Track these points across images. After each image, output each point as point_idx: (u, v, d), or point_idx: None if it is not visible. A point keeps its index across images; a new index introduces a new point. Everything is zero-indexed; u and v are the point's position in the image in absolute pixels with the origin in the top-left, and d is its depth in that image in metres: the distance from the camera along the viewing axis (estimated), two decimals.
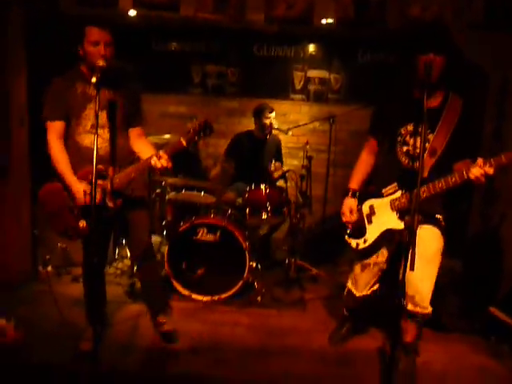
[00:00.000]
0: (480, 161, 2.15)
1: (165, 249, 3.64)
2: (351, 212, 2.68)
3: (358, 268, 2.78)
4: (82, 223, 2.39)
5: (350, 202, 2.69)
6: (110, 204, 2.49)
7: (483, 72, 4.31)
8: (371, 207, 2.61)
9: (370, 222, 2.61)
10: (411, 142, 2.45)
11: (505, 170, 4.07)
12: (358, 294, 2.82)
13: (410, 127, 2.46)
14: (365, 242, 2.61)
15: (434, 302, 2.55)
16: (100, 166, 2.39)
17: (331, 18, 3.30)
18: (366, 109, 4.72)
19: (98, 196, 2.43)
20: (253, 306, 3.51)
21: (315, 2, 3.17)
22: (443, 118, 2.40)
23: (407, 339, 2.60)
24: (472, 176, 2.16)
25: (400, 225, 2.46)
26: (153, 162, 2.41)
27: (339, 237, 4.20)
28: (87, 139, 2.53)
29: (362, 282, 2.78)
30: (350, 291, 2.88)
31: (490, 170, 2.13)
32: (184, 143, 2.41)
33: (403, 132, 2.49)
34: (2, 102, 3.40)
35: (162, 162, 2.40)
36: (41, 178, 2.69)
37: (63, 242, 3.91)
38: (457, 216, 3.18)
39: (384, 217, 2.54)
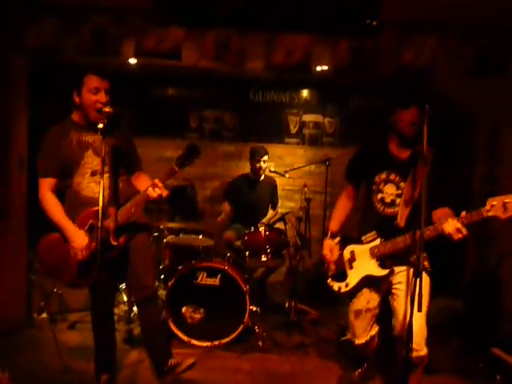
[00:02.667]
0: (454, 217, 2.20)
1: (163, 293, 3.59)
2: (331, 251, 2.73)
3: (351, 316, 2.76)
4: (79, 272, 2.44)
5: (329, 243, 2.75)
6: (114, 242, 2.50)
7: (473, 116, 4.47)
8: (352, 253, 2.67)
9: (350, 267, 2.66)
10: (385, 189, 2.55)
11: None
12: (357, 342, 2.77)
13: (384, 175, 2.56)
14: (346, 286, 2.66)
15: (436, 343, 2.54)
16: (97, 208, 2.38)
17: (327, 64, 3.41)
18: None
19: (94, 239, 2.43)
20: (254, 351, 3.44)
21: (313, 50, 3.28)
22: (414, 168, 2.45)
23: None
24: (446, 232, 2.20)
25: (380, 272, 2.53)
26: (149, 193, 2.46)
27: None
28: (87, 188, 2.54)
29: (358, 330, 2.74)
30: (349, 340, 2.85)
31: (462, 228, 2.16)
32: (176, 168, 2.48)
33: (377, 180, 2.58)
34: (3, 147, 3.43)
35: (156, 190, 2.45)
36: (38, 222, 2.69)
37: (59, 287, 3.85)
38: (453, 256, 3.20)
39: (364, 263, 2.60)
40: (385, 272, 2.52)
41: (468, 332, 3.66)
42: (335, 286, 2.71)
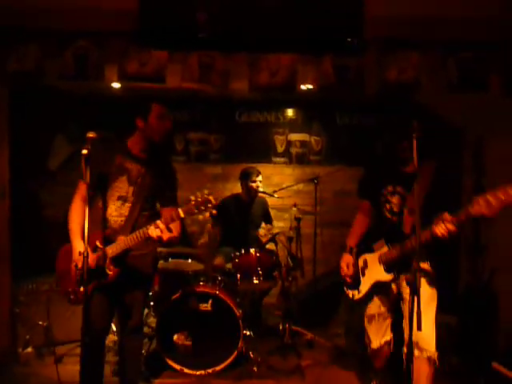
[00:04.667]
0: (444, 217, 2.31)
1: (153, 321, 3.48)
2: (348, 266, 2.87)
3: (366, 321, 2.88)
4: (82, 288, 2.33)
5: (347, 258, 2.89)
6: (109, 271, 2.44)
7: (459, 130, 4.51)
8: (365, 261, 2.84)
9: (363, 274, 2.83)
10: (393, 200, 2.75)
11: (489, 223, 4.16)
12: (373, 346, 2.86)
13: (390, 188, 2.76)
14: (359, 292, 2.84)
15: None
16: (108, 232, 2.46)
17: (312, 83, 3.41)
18: (348, 169, 4.88)
19: (92, 260, 2.39)
20: (249, 377, 3.34)
21: (297, 70, 3.28)
22: (417, 181, 2.50)
23: None
24: (437, 233, 2.30)
25: (386, 276, 2.68)
26: (149, 231, 2.39)
27: (331, 297, 4.16)
28: (110, 209, 2.54)
29: (372, 334, 2.85)
30: (367, 346, 2.93)
31: (451, 227, 2.27)
32: (182, 214, 2.39)
33: (385, 193, 2.78)
34: None
35: (157, 231, 2.37)
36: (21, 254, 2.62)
37: (44, 320, 3.72)
38: (446, 270, 3.21)
39: (374, 270, 2.76)
40: (390, 277, 2.66)
41: (466, 348, 3.62)
42: (350, 293, 2.91)
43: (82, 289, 2.30)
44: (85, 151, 2.20)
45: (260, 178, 4.43)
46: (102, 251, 2.43)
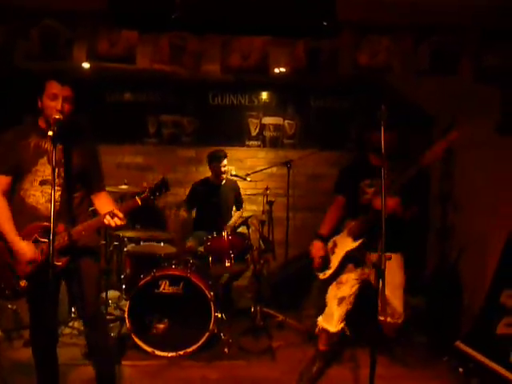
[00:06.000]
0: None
1: (124, 304, 3.47)
2: (318, 250, 2.99)
3: (333, 303, 2.95)
4: (23, 282, 2.34)
5: (318, 244, 3.01)
6: (57, 262, 2.32)
7: (430, 114, 4.57)
8: (334, 241, 3.02)
9: (333, 252, 3.00)
10: (368, 191, 2.92)
11: (457, 207, 4.25)
12: (332, 330, 2.93)
13: (367, 181, 2.92)
14: (329, 268, 2.98)
15: (401, 339, 2.93)
16: (46, 224, 2.27)
17: (284, 66, 3.41)
18: (321, 152, 4.92)
19: (36, 254, 2.34)
20: (220, 358, 3.37)
21: (269, 52, 3.27)
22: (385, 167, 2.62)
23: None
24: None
25: (353, 244, 2.88)
26: (106, 221, 2.36)
27: (303, 280, 4.22)
28: (32, 197, 2.40)
29: (337, 317, 2.93)
30: (323, 329, 2.99)
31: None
32: (139, 202, 2.39)
33: (362, 186, 2.94)
34: None
35: (115, 220, 2.35)
36: None
37: (13, 303, 3.67)
38: (413, 254, 3.32)
39: (342, 244, 2.96)
40: (357, 243, 2.85)
41: (431, 327, 3.74)
42: (321, 274, 3.02)
43: (23, 283, 2.29)
44: (50, 133, 2.15)
45: (225, 161, 4.43)
46: (45, 244, 2.34)
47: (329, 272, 2.98)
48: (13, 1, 3.25)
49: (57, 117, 2.23)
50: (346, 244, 2.94)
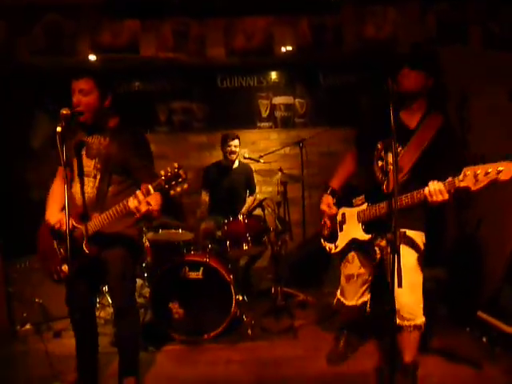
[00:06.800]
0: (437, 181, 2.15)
1: (147, 291, 3.53)
2: (329, 206, 2.80)
3: (343, 279, 2.87)
4: (65, 267, 2.44)
5: (327, 199, 2.82)
6: (86, 250, 2.42)
7: (442, 86, 4.46)
8: (343, 215, 2.75)
9: (341, 229, 2.76)
10: (385, 157, 2.53)
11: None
12: (347, 303, 2.88)
13: (385, 144, 2.54)
14: (336, 247, 2.80)
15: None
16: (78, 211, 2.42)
17: (290, 45, 3.36)
18: (333, 130, 4.87)
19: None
20: (243, 340, 3.43)
21: (273, 32, 3.23)
22: (415, 137, 2.44)
23: (406, 359, 2.58)
24: (426, 192, 2.16)
25: (364, 236, 2.60)
26: (130, 204, 2.28)
27: (321, 257, 4.22)
28: (74, 187, 2.52)
29: (349, 293, 2.85)
30: (339, 300, 2.95)
31: (443, 191, 2.12)
32: (152, 190, 2.24)
33: (379, 147, 2.58)
34: None
35: (135, 202, 2.26)
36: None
37: (39, 297, 3.76)
38: (432, 226, 3.25)
39: (351, 226, 2.68)
40: (367, 237, 2.58)
41: (453, 298, 3.72)
42: (327, 246, 2.87)
43: (64, 267, 2.34)
44: (59, 128, 2.18)
45: (236, 142, 4.42)
46: (78, 230, 2.42)
47: (334, 251, 2.81)
48: None
49: (64, 112, 2.25)
50: (354, 229, 2.65)
